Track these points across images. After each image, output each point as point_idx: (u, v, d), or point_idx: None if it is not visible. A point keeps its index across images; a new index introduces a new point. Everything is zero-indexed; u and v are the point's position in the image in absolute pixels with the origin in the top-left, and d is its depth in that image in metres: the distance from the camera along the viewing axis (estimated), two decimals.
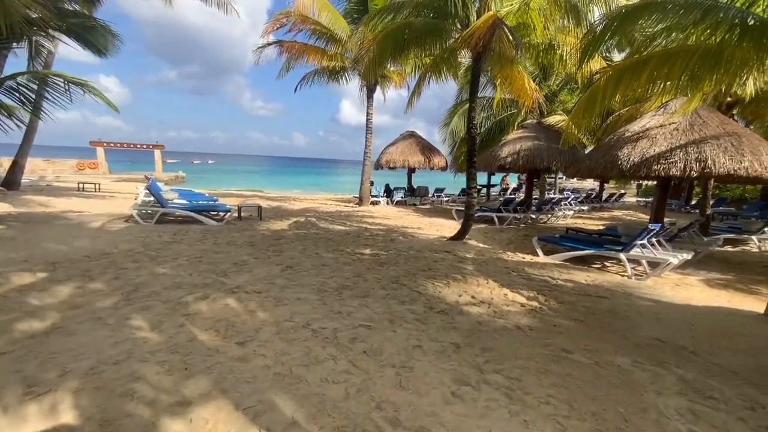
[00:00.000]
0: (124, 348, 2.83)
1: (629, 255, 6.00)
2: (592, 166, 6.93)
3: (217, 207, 9.53)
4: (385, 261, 6.04)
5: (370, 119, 14.22)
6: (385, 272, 5.36)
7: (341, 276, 5.05)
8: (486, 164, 12.03)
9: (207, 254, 5.91)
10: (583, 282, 5.38)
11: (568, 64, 6.76)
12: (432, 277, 5.24)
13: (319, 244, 7.09)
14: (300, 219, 10.35)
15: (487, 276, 5.40)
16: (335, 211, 12.85)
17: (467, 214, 7.63)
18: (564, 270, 6.02)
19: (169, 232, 7.42)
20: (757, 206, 15.76)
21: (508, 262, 6.37)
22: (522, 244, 8.34)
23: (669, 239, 7.12)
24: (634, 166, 6.13)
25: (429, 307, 4.08)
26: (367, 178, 14.49)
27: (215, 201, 11.45)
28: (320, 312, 3.76)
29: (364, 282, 4.84)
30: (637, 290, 5.13)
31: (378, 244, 7.41)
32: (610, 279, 5.65)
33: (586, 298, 4.64)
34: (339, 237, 7.97)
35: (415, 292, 4.56)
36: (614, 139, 6.92)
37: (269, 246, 6.77)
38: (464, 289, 4.73)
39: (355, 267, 5.58)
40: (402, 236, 8.35)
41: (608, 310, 4.25)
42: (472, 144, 7.54)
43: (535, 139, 11.35)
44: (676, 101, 6.85)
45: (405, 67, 14.83)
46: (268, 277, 4.83)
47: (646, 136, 6.37)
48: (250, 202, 14.64)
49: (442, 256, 6.56)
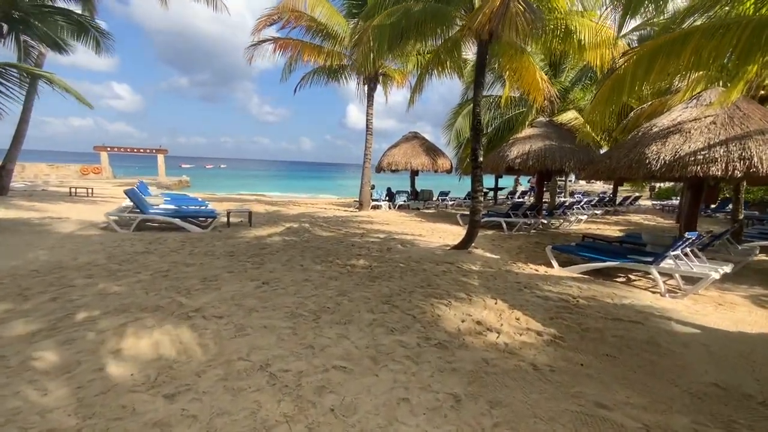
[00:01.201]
0: (5, 407, 2.12)
1: (661, 268, 5.18)
2: (613, 167, 6.12)
3: (203, 213, 8.88)
4: (378, 275, 5.29)
5: (370, 120, 13.54)
6: (376, 289, 4.61)
7: (323, 295, 4.31)
8: (493, 166, 11.25)
9: (176, 267, 5.23)
10: (608, 301, 4.57)
11: (586, 50, 5.97)
12: (430, 295, 4.48)
13: (307, 255, 6.37)
14: (293, 225, 9.66)
15: (496, 294, 4.62)
16: (333, 216, 12.15)
17: (472, 220, 6.86)
18: (584, 285, 5.21)
19: (145, 241, 6.77)
20: None
21: (519, 276, 5.58)
22: (534, 253, 7.53)
23: (702, 248, 6.27)
24: (666, 166, 5.32)
25: (424, 337, 3.32)
26: (367, 182, 13.78)
27: (206, 206, 10.84)
28: (287, 346, 3.02)
29: (348, 303, 4.10)
30: (675, 312, 4.31)
31: (373, 254, 6.66)
32: (640, 297, 4.82)
33: (615, 323, 3.84)
34: (330, 245, 7.24)
35: (408, 315, 3.81)
36: (639, 135, 6.11)
37: (251, 256, 6.08)
38: (468, 312, 3.96)
39: (342, 283, 4.85)
40: (401, 244, 7.60)
41: (646, 340, 3.45)
42: (477, 142, 6.78)
43: (546, 139, 10.54)
44: (710, 92, 6.04)
45: (407, 65, 14.18)
46: (236, 297, 4.11)
47: (679, 131, 5.56)
48: (248, 206, 14.05)
49: (443, 268, 5.79)
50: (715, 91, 5.98)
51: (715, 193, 5.93)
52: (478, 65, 6.78)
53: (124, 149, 32.22)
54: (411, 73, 14.31)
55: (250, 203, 15.69)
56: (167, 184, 30.69)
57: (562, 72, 13.48)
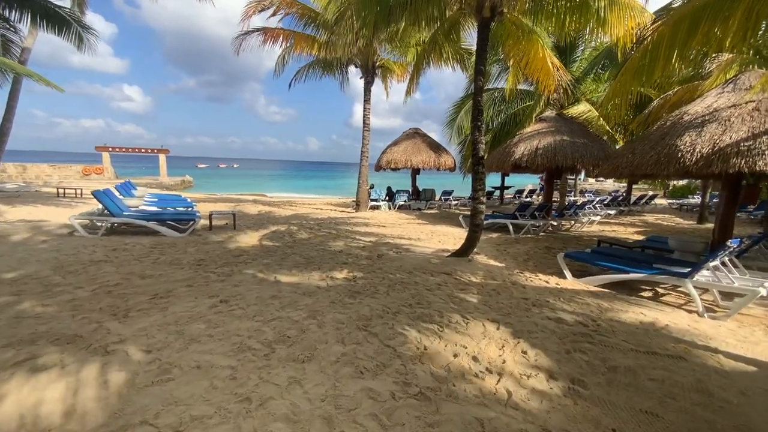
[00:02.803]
0: None
1: (697, 282, 4.34)
2: (636, 162, 5.28)
3: (183, 215, 8.21)
4: (360, 289, 4.54)
5: (367, 115, 12.79)
6: (354, 309, 3.86)
7: (288, 318, 3.57)
8: (498, 163, 10.42)
9: (129, 280, 4.54)
10: (637, 325, 3.76)
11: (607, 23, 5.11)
12: (419, 317, 3.71)
13: (285, 263, 5.65)
14: (280, 228, 8.95)
15: (498, 315, 3.84)
16: (327, 217, 11.43)
17: (473, 224, 6.07)
18: (604, 302, 4.40)
19: (108, 248, 6.11)
20: None
21: (527, 290, 4.78)
22: (543, 259, 6.71)
23: (737, 256, 5.41)
24: (703, 159, 4.48)
25: (403, 382, 2.56)
26: (364, 181, 13.03)
27: (192, 207, 10.20)
28: (216, 398, 2.28)
29: (317, 329, 3.35)
30: (720, 340, 3.48)
31: (360, 262, 5.91)
32: (675, 319, 4.00)
33: (650, 359, 3.03)
34: (315, 252, 6.51)
35: (387, 348, 3.05)
36: (668, 126, 5.26)
37: (221, 266, 5.37)
38: (463, 343, 3.19)
39: (316, 300, 4.10)
40: (394, 250, 6.84)
41: (693, 386, 2.64)
42: (479, 135, 5.99)
43: (557, 133, 9.68)
44: (749, 75, 5.17)
45: (406, 56, 13.41)
46: (182, 320, 3.39)
47: (716, 120, 4.70)
48: (243, 207, 13.42)
49: (439, 280, 5.02)
50: (754, 73, 5.11)
51: (755, 192, 5.05)
52: (479, 48, 5.98)
53: (126, 149, 31.96)
54: (411, 65, 13.51)
55: (246, 204, 15.08)
56: (169, 184, 30.34)
57: (573, 62, 12.57)
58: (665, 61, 2.97)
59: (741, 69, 6.17)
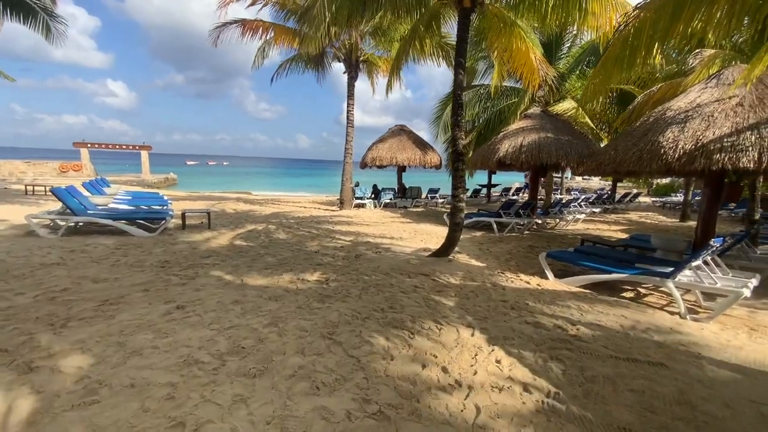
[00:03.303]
0: None
1: (680, 283, 4.20)
2: (619, 159, 5.13)
3: (153, 214, 7.81)
4: (332, 292, 4.28)
5: (350, 110, 12.48)
6: (321, 315, 3.60)
7: (247, 325, 3.30)
8: (483, 160, 10.25)
9: (80, 285, 4.19)
10: (617, 328, 3.59)
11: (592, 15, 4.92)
12: (390, 323, 3.47)
13: (255, 265, 5.35)
14: (257, 227, 8.62)
15: (474, 320, 3.63)
16: (309, 216, 11.12)
17: (453, 222, 5.85)
18: (585, 304, 4.23)
19: (66, 249, 5.72)
20: None
21: (507, 292, 4.59)
22: (526, 259, 6.56)
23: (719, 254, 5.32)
24: (686, 156, 4.34)
25: (363, 399, 2.32)
26: (348, 178, 12.75)
27: (166, 205, 9.78)
28: (145, 424, 2.00)
29: (276, 338, 3.08)
30: (703, 344, 3.33)
31: (336, 263, 5.65)
32: (656, 321, 3.85)
33: (631, 367, 2.85)
34: (290, 252, 6.22)
35: (351, 358, 2.80)
36: (651, 121, 5.12)
37: (186, 268, 5.05)
38: (434, 351, 2.96)
39: (282, 305, 3.83)
40: (373, 250, 6.59)
41: (675, 398, 2.46)
42: (459, 130, 5.77)
43: (541, 130, 9.55)
44: (732, 69, 5.06)
45: (391, 51, 13.13)
46: (128, 330, 3.09)
47: (699, 115, 4.57)
48: (224, 205, 13.02)
49: (416, 282, 4.79)
50: (738, 68, 5.00)
51: (738, 190, 4.95)
52: (459, 39, 5.75)
53: (105, 146, 30.97)
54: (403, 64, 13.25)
55: (228, 202, 14.66)
56: (151, 182, 29.52)
57: (559, 59, 12.48)
58: (647, 49, 2.78)
59: (723, 65, 6.08)
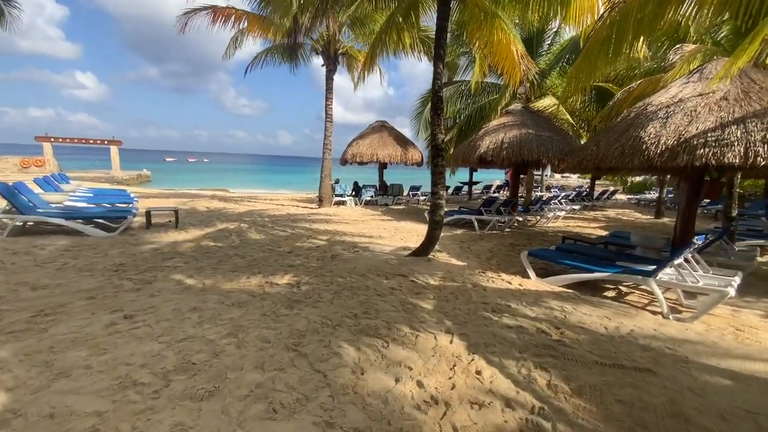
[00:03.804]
0: None
1: (662, 281, 4.10)
2: (601, 155, 5.01)
3: (114, 212, 7.26)
4: (302, 297, 3.96)
5: (329, 105, 12.10)
6: (289, 323, 3.29)
7: (203, 336, 2.95)
8: (464, 157, 10.08)
9: (17, 292, 3.73)
10: (601, 331, 3.43)
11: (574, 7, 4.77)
12: (363, 330, 3.19)
13: (222, 267, 4.97)
14: (229, 226, 8.17)
15: (454, 324, 3.39)
16: (285, 214, 10.70)
17: (432, 220, 5.62)
18: (568, 305, 4.07)
19: (9, 251, 5.17)
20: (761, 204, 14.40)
21: (488, 293, 4.38)
22: (507, 257, 6.40)
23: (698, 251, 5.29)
24: (668, 151, 4.22)
25: (326, 422, 2.03)
26: (327, 175, 12.37)
27: (131, 203, 9.19)
28: None
29: (234, 351, 2.76)
30: (690, 347, 3.20)
31: (310, 264, 5.32)
32: (640, 322, 3.72)
33: (618, 374, 2.67)
34: (261, 253, 5.85)
35: (317, 373, 2.51)
36: (632, 117, 5.01)
37: (144, 271, 4.63)
38: (409, 362, 2.70)
39: (246, 312, 3.49)
40: (351, 250, 6.29)
41: (666, 409, 2.29)
42: (438, 125, 5.53)
43: (522, 127, 9.44)
44: (716, 63, 5.00)
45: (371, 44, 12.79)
46: (59, 346, 2.70)
47: (682, 110, 4.48)
48: (197, 203, 12.41)
49: (393, 283, 4.52)
50: (720, 62, 4.95)
51: (718, 188, 4.91)
52: (438, 28, 5.50)
53: (71, 140, 29.34)
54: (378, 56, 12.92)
55: (202, 200, 14.01)
56: (122, 179, 28.21)
57: (540, 56, 12.45)
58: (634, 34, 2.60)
59: (705, 60, 6.07)
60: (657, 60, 7.82)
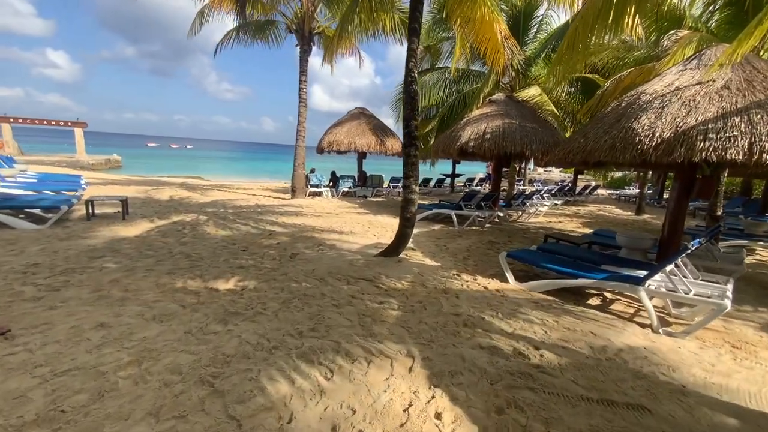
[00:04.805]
0: None
1: (652, 290, 3.68)
2: (589, 148, 4.53)
3: (46, 201, 6.41)
4: (242, 308, 3.35)
5: (303, 89, 11.32)
6: (214, 344, 2.69)
7: (93, 368, 2.32)
8: (444, 148, 9.54)
9: None
10: (586, 352, 2.96)
11: None
12: (304, 355, 2.62)
13: (159, 268, 4.30)
14: (185, 218, 7.42)
15: (416, 345, 2.86)
16: (254, 205, 9.97)
17: (404, 217, 5.08)
18: (550, 317, 3.61)
19: None
20: (738, 201, 14.51)
21: (461, 301, 3.87)
22: (485, 257, 5.93)
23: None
24: (664, 144, 3.77)
25: None
26: (300, 164, 11.63)
27: (77, 190, 8.31)
28: None
29: (130, 388, 2.14)
30: (686, 371, 2.77)
31: (263, 265, 4.70)
32: (627, 339, 3.28)
33: (606, 412, 2.20)
34: (211, 251, 5.19)
35: (230, 421, 1.93)
36: (623, 106, 4.54)
37: (59, 273, 3.92)
38: (353, 402, 2.15)
39: (164, 330, 2.87)
40: (314, 248, 5.70)
41: None
42: (412, 110, 4.94)
43: (506, 117, 8.95)
44: (715, 49, 4.56)
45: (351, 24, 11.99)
46: None
47: (679, 100, 4.03)
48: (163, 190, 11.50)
49: (355, 289, 3.96)
50: (719, 48, 4.52)
51: (711, 185, 4.52)
52: (412, 2, 4.87)
53: (31, 121, 27.42)
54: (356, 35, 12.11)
55: (168, 188, 13.08)
56: (88, 163, 26.58)
57: (525, 45, 11.93)
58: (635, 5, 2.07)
59: (700, 47, 5.65)
60: (648, 48, 7.41)
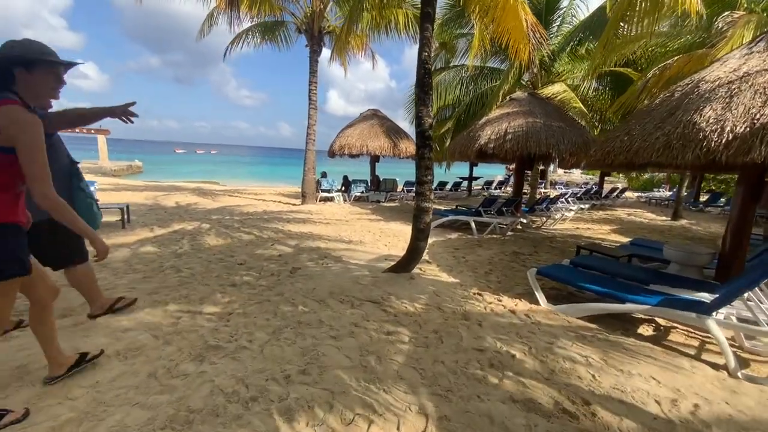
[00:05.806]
0: None
1: (725, 321, 2.97)
2: (635, 147, 3.84)
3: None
4: (224, 339, 2.84)
5: (313, 90, 10.92)
6: (180, 393, 2.17)
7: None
8: (462, 150, 8.90)
9: None
10: (652, 408, 2.30)
11: None
12: (287, 411, 2.07)
13: (142, 287, 3.85)
14: (187, 226, 7.05)
15: (429, 396, 2.27)
16: (262, 211, 9.58)
17: (417, 229, 4.47)
18: (595, 353, 2.94)
19: None
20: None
21: (484, 331, 3.25)
22: (510, 271, 5.27)
23: None
24: (738, 142, 3.06)
25: None
26: (310, 168, 11.20)
27: None
28: None
29: None
30: None
31: (259, 282, 4.20)
32: (702, 388, 2.58)
33: None
34: (204, 265, 4.73)
35: None
36: (677, 97, 3.84)
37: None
38: None
39: (124, 371, 2.37)
40: (319, 260, 5.17)
41: None
42: (425, 105, 4.36)
43: (529, 116, 8.25)
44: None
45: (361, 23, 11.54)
46: None
47: (751, 87, 3.31)
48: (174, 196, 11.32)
49: (359, 315, 3.40)
50: None
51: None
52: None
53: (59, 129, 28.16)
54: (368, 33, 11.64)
55: (178, 193, 12.95)
56: (110, 169, 27.19)
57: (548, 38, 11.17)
58: None
59: (756, 33, 4.87)
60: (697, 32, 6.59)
